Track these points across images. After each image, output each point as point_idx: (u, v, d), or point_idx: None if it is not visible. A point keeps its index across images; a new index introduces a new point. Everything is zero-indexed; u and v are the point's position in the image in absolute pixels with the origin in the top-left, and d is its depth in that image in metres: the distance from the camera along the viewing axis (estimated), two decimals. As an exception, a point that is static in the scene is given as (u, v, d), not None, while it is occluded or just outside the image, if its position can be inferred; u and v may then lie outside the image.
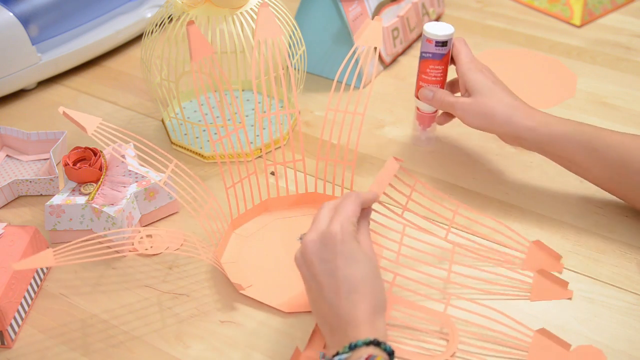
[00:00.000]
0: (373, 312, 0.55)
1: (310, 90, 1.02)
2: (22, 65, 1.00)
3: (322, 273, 0.57)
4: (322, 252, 0.57)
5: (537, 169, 0.86)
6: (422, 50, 0.80)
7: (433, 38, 0.78)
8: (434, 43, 0.79)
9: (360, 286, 0.55)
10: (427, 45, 0.79)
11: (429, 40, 0.79)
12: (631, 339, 0.64)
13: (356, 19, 0.99)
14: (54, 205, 0.75)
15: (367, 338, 0.53)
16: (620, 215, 0.78)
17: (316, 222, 0.60)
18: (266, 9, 0.73)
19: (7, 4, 0.98)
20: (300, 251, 0.59)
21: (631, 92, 1.00)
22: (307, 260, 0.58)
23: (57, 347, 0.66)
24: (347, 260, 0.56)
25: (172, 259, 0.75)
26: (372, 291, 0.56)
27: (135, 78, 1.07)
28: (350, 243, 0.57)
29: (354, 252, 0.57)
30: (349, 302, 0.55)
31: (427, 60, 0.80)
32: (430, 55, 0.80)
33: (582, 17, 1.17)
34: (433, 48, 0.79)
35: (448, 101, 0.79)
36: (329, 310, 0.56)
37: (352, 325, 0.54)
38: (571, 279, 0.71)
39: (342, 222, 0.58)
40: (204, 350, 0.65)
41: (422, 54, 0.81)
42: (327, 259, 0.57)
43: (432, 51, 0.79)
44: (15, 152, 0.91)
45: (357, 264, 0.56)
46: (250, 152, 0.78)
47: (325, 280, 0.56)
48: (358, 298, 0.55)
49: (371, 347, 0.53)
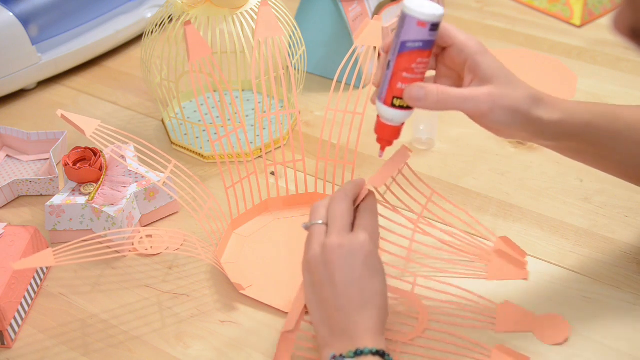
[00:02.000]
0: (380, 324, 0.56)
1: (310, 90, 1.02)
2: (22, 65, 1.00)
3: (342, 279, 0.55)
4: (348, 259, 0.56)
5: (537, 169, 0.85)
6: (407, 39, 0.57)
7: (427, 20, 0.56)
8: (429, 26, 0.56)
9: (377, 299, 0.56)
10: (416, 31, 0.56)
11: (421, 24, 0.56)
12: (631, 339, 0.64)
13: (356, 19, 0.99)
14: (54, 205, 0.75)
15: (373, 347, 0.54)
16: (620, 215, 0.78)
17: (334, 220, 0.58)
18: (266, 8, 0.73)
19: (7, 4, 0.98)
20: (322, 255, 0.57)
21: (631, 92, 1.00)
22: (328, 263, 0.56)
23: (57, 347, 0.66)
24: (370, 272, 0.56)
25: (172, 259, 0.75)
26: (384, 306, 0.56)
27: (135, 78, 1.07)
28: (376, 256, 0.57)
29: (377, 266, 0.57)
30: (362, 311, 0.55)
31: (414, 52, 0.57)
32: (420, 45, 0.57)
33: (582, 17, 1.17)
34: (426, 34, 0.56)
35: (458, 96, 0.57)
36: (336, 313, 0.55)
37: (359, 334, 0.54)
38: (571, 279, 0.71)
39: (371, 233, 0.57)
40: (204, 350, 0.65)
41: (404, 44, 0.57)
42: (352, 268, 0.55)
43: (423, 38, 0.56)
44: (15, 152, 0.91)
45: (377, 277, 0.56)
46: (250, 152, 0.78)
47: (342, 286, 0.55)
48: (370, 310, 0.55)
49: (377, 358, 0.53)
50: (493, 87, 0.57)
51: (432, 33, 0.56)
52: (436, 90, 0.57)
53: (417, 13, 0.56)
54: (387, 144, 0.62)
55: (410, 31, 0.56)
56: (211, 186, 0.84)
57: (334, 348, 0.55)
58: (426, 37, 0.56)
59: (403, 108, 0.59)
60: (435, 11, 0.56)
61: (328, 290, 0.56)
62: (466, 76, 0.59)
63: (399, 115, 0.59)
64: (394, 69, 0.58)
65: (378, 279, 0.56)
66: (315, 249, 0.57)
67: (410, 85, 0.58)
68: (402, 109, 0.59)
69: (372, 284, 0.56)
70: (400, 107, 0.59)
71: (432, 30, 0.56)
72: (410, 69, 0.58)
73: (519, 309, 0.66)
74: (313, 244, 0.58)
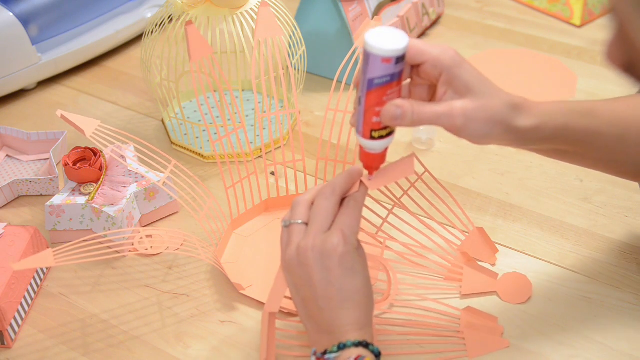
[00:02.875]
0: (363, 319, 0.56)
1: (310, 90, 1.02)
2: (22, 65, 1.00)
3: (320, 281, 0.56)
4: (323, 261, 0.56)
5: (537, 169, 0.86)
6: (374, 76, 0.54)
7: (392, 55, 0.53)
8: (394, 61, 0.54)
9: (356, 296, 0.56)
10: (382, 68, 0.54)
11: (386, 60, 0.53)
12: (631, 339, 0.64)
13: (356, 19, 0.99)
14: (54, 205, 0.75)
15: (356, 339, 0.54)
16: (620, 215, 0.78)
17: (314, 221, 0.58)
18: (266, 8, 0.73)
19: (7, 4, 0.98)
20: (297, 257, 0.57)
21: (631, 92, 1.00)
22: (304, 265, 0.57)
23: (57, 347, 0.66)
24: (346, 272, 0.56)
25: (172, 258, 0.75)
26: (366, 301, 0.57)
27: (135, 78, 1.07)
28: (351, 255, 0.57)
29: (354, 265, 0.57)
30: (342, 310, 0.56)
31: (383, 87, 0.55)
32: (387, 80, 0.55)
33: (582, 17, 1.17)
34: (392, 68, 0.54)
35: (432, 113, 0.56)
36: (318, 312, 0.56)
37: (342, 330, 0.55)
38: (571, 279, 0.71)
39: (345, 234, 0.57)
40: (204, 350, 0.65)
41: (372, 82, 0.55)
42: (327, 269, 0.56)
43: (390, 72, 0.54)
44: (16, 152, 0.91)
45: (355, 276, 0.57)
46: (250, 152, 0.78)
47: (320, 287, 0.56)
48: (350, 307, 0.56)
49: (360, 348, 0.54)
50: (468, 101, 0.56)
51: (398, 65, 0.54)
52: (411, 109, 0.56)
53: (381, 50, 0.53)
54: (375, 170, 0.60)
55: (375, 69, 0.54)
56: (211, 186, 0.84)
57: (321, 344, 0.56)
58: (393, 71, 0.54)
59: (383, 137, 0.58)
60: (399, 44, 0.53)
61: (308, 291, 0.57)
62: (439, 88, 0.57)
63: (380, 144, 0.58)
64: (365, 105, 0.56)
65: (356, 277, 0.56)
66: (291, 251, 0.57)
67: (386, 105, 0.56)
68: (382, 138, 0.58)
69: (350, 283, 0.56)
70: (380, 137, 0.58)
71: (398, 63, 0.54)
72: (382, 102, 0.56)
73: (483, 269, 0.70)
74: (290, 245, 0.58)
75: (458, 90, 0.56)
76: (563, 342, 0.64)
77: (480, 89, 0.57)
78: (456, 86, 0.56)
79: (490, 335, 0.65)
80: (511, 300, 0.68)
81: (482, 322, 0.66)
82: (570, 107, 0.61)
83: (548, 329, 0.65)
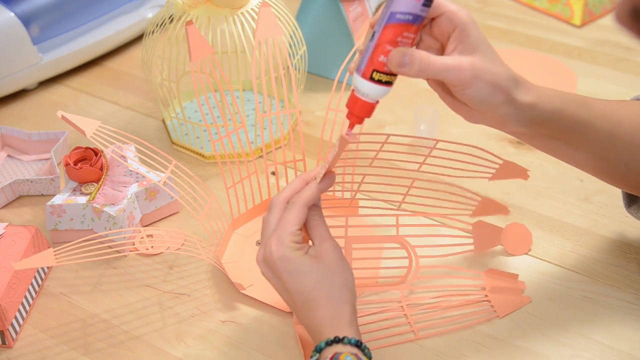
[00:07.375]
0: (333, 313, 0.57)
1: (311, 90, 1.02)
2: (23, 65, 1.00)
3: (279, 289, 0.59)
4: (269, 271, 0.59)
5: (537, 169, 0.86)
6: (397, 10, 0.53)
7: None
8: (423, 0, 0.53)
9: (313, 294, 0.57)
10: (409, 3, 0.53)
11: None
12: (631, 339, 0.64)
13: (357, 19, 0.99)
14: (55, 205, 0.75)
15: (327, 338, 0.55)
16: (620, 215, 0.78)
17: (263, 232, 0.61)
18: (267, 9, 0.73)
19: (8, 4, 0.98)
20: (265, 263, 0.60)
21: (631, 92, 1.00)
22: (265, 277, 0.60)
23: (57, 347, 0.66)
24: (292, 275, 0.57)
25: (172, 258, 0.75)
26: (328, 295, 0.57)
27: (136, 78, 1.07)
28: (291, 257, 0.58)
29: (297, 265, 0.57)
30: (307, 310, 0.57)
31: (402, 24, 0.53)
32: (409, 18, 0.53)
33: (583, 17, 1.17)
34: (418, 8, 0.53)
35: (441, 64, 0.55)
36: (298, 319, 0.59)
37: (317, 331, 0.57)
38: (571, 278, 0.71)
39: (279, 238, 0.58)
40: (205, 350, 0.65)
41: (393, 15, 0.53)
42: (277, 277, 0.58)
43: (415, 11, 0.53)
44: (17, 152, 0.91)
45: (304, 275, 0.57)
46: (251, 152, 0.78)
47: (283, 294, 0.59)
48: (312, 306, 0.57)
49: (334, 346, 0.55)
50: (477, 59, 0.56)
51: (424, 8, 0.53)
52: (419, 57, 0.54)
53: None
54: (358, 121, 0.57)
55: (402, 2, 0.53)
56: (212, 186, 0.84)
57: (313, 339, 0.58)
58: (417, 11, 0.53)
59: (382, 83, 0.55)
60: None
61: (284, 294, 0.59)
62: (449, 44, 0.56)
63: (376, 90, 0.55)
64: (378, 40, 0.54)
65: (306, 276, 0.57)
66: (261, 255, 0.60)
67: (394, 50, 0.54)
68: (381, 84, 0.55)
69: (301, 284, 0.57)
70: (379, 81, 0.55)
71: (425, 6, 0.53)
72: (394, 42, 0.54)
73: (489, 225, 0.74)
74: (262, 249, 0.59)
75: (467, 47, 0.56)
76: (563, 342, 0.64)
77: (487, 52, 0.57)
78: (466, 44, 0.56)
79: (512, 295, 0.68)
80: (515, 252, 0.73)
81: (504, 281, 0.69)
82: (567, 96, 0.62)
83: (548, 329, 0.65)
